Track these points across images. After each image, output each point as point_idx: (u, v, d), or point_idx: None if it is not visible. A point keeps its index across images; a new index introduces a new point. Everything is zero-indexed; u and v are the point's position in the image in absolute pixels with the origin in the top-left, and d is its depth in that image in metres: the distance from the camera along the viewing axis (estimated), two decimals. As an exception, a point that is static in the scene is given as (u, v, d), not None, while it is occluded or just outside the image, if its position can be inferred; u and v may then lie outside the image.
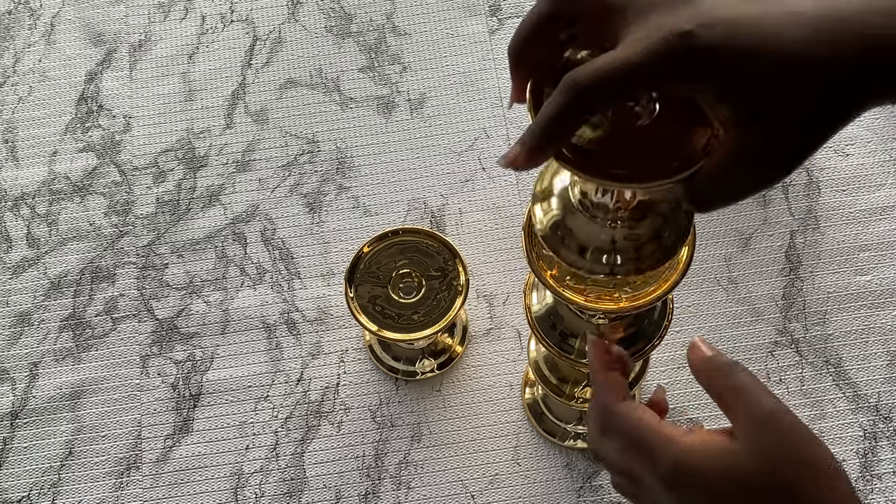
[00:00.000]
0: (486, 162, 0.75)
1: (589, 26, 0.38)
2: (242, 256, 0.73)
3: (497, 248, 0.73)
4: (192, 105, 0.78)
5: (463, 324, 0.71)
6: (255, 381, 0.70)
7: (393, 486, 0.67)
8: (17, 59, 0.80)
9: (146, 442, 0.69)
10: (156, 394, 0.70)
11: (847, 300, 0.70)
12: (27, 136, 0.78)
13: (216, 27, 0.81)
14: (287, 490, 0.67)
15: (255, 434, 0.68)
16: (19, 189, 0.76)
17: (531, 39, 0.38)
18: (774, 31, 0.34)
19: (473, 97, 0.78)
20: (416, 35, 0.80)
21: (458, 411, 0.69)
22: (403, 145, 0.76)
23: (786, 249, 0.72)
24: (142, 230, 0.74)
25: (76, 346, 0.71)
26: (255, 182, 0.76)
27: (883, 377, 0.68)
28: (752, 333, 0.70)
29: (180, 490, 0.67)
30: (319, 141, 0.77)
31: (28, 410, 0.70)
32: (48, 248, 0.74)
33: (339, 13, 0.81)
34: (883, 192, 0.73)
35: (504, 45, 0.79)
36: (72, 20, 0.81)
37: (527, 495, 0.66)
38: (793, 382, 0.68)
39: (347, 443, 0.68)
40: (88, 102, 0.79)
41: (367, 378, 0.70)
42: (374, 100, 0.78)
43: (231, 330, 0.71)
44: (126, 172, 0.76)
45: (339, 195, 0.75)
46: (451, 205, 0.74)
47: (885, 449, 0.67)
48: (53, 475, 0.68)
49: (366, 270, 0.64)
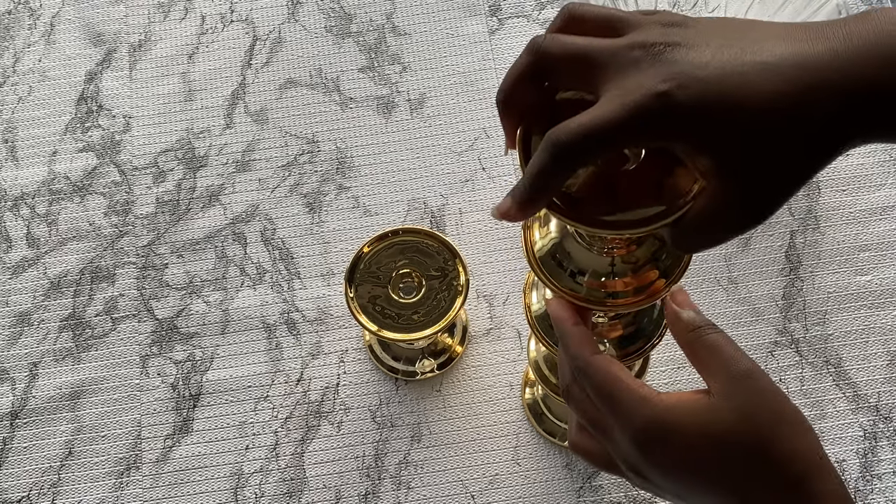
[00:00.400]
0: (486, 162, 0.75)
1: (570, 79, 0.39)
2: (242, 256, 0.73)
3: (497, 248, 0.73)
4: (192, 105, 0.78)
5: (463, 324, 0.71)
6: (255, 381, 0.70)
7: (393, 486, 0.67)
8: (16, 59, 0.80)
9: (146, 442, 0.69)
10: (156, 394, 0.70)
11: (847, 300, 0.70)
12: (27, 136, 0.78)
13: (216, 27, 0.81)
14: (287, 490, 0.67)
15: (255, 434, 0.68)
16: (19, 189, 0.76)
17: (516, 89, 0.39)
18: (747, 87, 0.35)
19: (473, 97, 0.78)
20: (416, 35, 0.80)
21: (458, 411, 0.69)
22: (403, 145, 0.76)
23: (786, 249, 0.72)
24: (142, 230, 0.74)
25: (76, 346, 0.71)
26: (255, 182, 0.76)
27: (883, 377, 0.68)
28: (752, 333, 0.70)
29: (180, 490, 0.67)
30: (319, 141, 0.77)
31: (28, 410, 0.70)
32: (48, 248, 0.74)
33: (339, 13, 0.81)
34: (883, 192, 0.73)
35: (504, 45, 0.79)
36: (72, 20, 0.81)
37: (527, 495, 0.66)
38: (793, 382, 0.68)
39: (347, 443, 0.68)
40: (88, 102, 0.79)
41: (367, 378, 0.70)
42: (374, 100, 0.78)
43: (231, 330, 0.71)
44: (126, 172, 0.76)
45: (339, 195, 0.75)
46: (451, 205, 0.74)
47: (885, 449, 0.67)
48: (53, 475, 0.68)
49: (366, 270, 0.63)
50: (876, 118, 0.35)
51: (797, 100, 0.35)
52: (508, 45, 0.79)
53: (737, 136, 0.35)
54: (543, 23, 0.80)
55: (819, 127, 0.35)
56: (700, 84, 0.35)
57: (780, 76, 0.35)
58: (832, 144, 0.36)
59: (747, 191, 0.36)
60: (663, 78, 0.35)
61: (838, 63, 0.35)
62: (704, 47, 0.36)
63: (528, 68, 0.39)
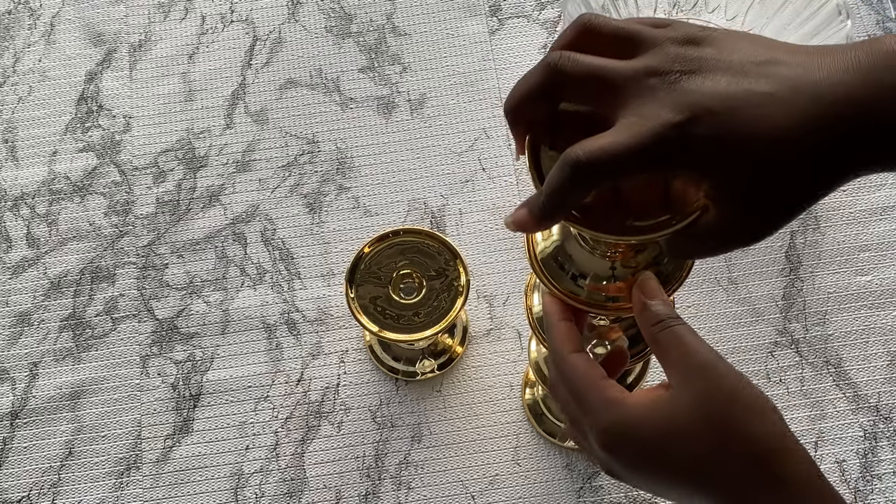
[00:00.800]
0: (486, 162, 0.75)
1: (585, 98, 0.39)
2: (242, 257, 0.73)
3: (497, 248, 0.73)
4: (192, 105, 0.78)
5: (463, 324, 0.71)
6: (255, 382, 0.70)
7: (393, 486, 0.67)
8: (16, 59, 0.80)
9: (146, 442, 0.69)
10: (156, 394, 0.70)
11: (847, 300, 0.70)
12: (27, 136, 0.78)
13: (216, 27, 0.81)
14: (287, 490, 0.67)
15: (255, 434, 0.68)
16: (19, 189, 0.76)
17: (527, 104, 0.40)
18: (760, 120, 0.35)
19: (473, 97, 0.78)
20: (416, 35, 0.80)
21: (458, 412, 0.69)
22: (403, 146, 0.76)
23: (786, 250, 0.72)
24: (142, 230, 0.74)
25: (76, 346, 0.71)
26: (255, 182, 0.76)
27: (883, 377, 0.68)
28: (752, 334, 0.70)
29: (180, 490, 0.67)
30: (319, 141, 0.77)
31: (28, 410, 0.70)
32: (48, 248, 0.74)
33: (339, 13, 0.81)
34: (883, 192, 0.73)
35: (504, 45, 0.79)
36: (72, 20, 0.81)
37: (527, 496, 0.66)
38: (793, 382, 0.68)
39: (347, 443, 0.68)
40: (88, 102, 0.79)
41: (368, 378, 0.70)
42: (374, 100, 0.78)
43: (231, 330, 0.71)
44: (126, 172, 0.76)
45: (340, 195, 0.75)
46: (451, 205, 0.74)
47: (885, 449, 0.67)
48: (53, 475, 0.68)
49: (366, 271, 0.63)
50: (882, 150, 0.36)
51: (808, 132, 0.35)
52: (508, 45, 0.79)
53: (746, 166, 0.36)
54: (543, 23, 0.80)
55: (827, 158, 0.36)
56: (714, 116, 0.36)
57: (795, 108, 0.35)
58: (838, 174, 0.36)
59: (748, 215, 0.37)
60: (679, 108, 0.36)
61: (849, 95, 0.35)
62: (721, 74, 0.36)
63: (543, 86, 0.39)
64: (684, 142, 0.36)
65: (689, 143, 0.36)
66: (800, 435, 0.67)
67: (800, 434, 0.67)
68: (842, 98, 0.35)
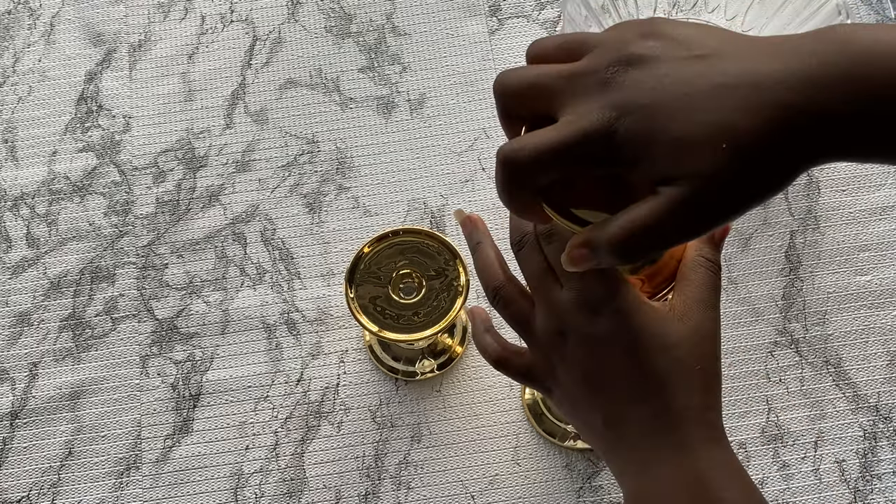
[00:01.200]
0: (485, 162, 0.75)
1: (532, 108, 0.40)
2: (242, 256, 0.73)
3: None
4: (191, 105, 0.78)
5: (463, 324, 0.71)
6: (255, 382, 0.70)
7: (393, 486, 0.67)
8: (16, 59, 0.80)
9: (146, 442, 0.69)
10: (156, 394, 0.70)
11: (847, 300, 0.70)
12: (27, 136, 0.78)
13: (216, 27, 0.81)
14: (287, 490, 0.67)
15: (255, 434, 0.68)
16: (19, 189, 0.76)
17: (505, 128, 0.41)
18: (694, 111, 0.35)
19: (473, 97, 0.78)
20: (416, 35, 0.80)
21: (458, 412, 0.69)
22: (403, 145, 0.76)
23: (786, 249, 0.72)
24: (142, 230, 0.74)
25: (76, 346, 0.71)
26: (254, 182, 0.76)
27: (883, 377, 0.68)
28: (752, 333, 0.70)
29: (180, 490, 0.67)
30: (319, 141, 0.77)
31: (28, 410, 0.70)
32: (48, 248, 0.74)
33: (339, 13, 0.81)
34: (883, 192, 0.73)
35: (504, 45, 0.79)
36: (71, 20, 0.81)
37: (527, 496, 0.66)
38: (793, 382, 0.68)
39: (347, 443, 0.68)
40: (88, 102, 0.79)
41: (367, 378, 0.70)
42: (373, 100, 0.78)
43: (231, 330, 0.71)
44: (126, 172, 0.76)
45: (339, 195, 0.75)
46: (451, 205, 0.74)
47: (885, 449, 0.67)
48: (53, 475, 0.68)
49: (366, 271, 0.63)
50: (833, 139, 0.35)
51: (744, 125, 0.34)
52: (508, 45, 0.79)
53: (680, 162, 0.35)
54: (543, 23, 0.80)
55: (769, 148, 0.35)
56: (644, 111, 0.35)
57: (732, 98, 0.35)
58: (786, 165, 0.35)
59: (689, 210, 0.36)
60: (609, 105, 0.36)
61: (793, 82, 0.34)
62: (659, 65, 0.36)
63: (500, 109, 0.40)
64: (611, 139, 0.36)
65: (615, 141, 0.36)
66: (800, 435, 0.67)
67: (800, 434, 0.67)
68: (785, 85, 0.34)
